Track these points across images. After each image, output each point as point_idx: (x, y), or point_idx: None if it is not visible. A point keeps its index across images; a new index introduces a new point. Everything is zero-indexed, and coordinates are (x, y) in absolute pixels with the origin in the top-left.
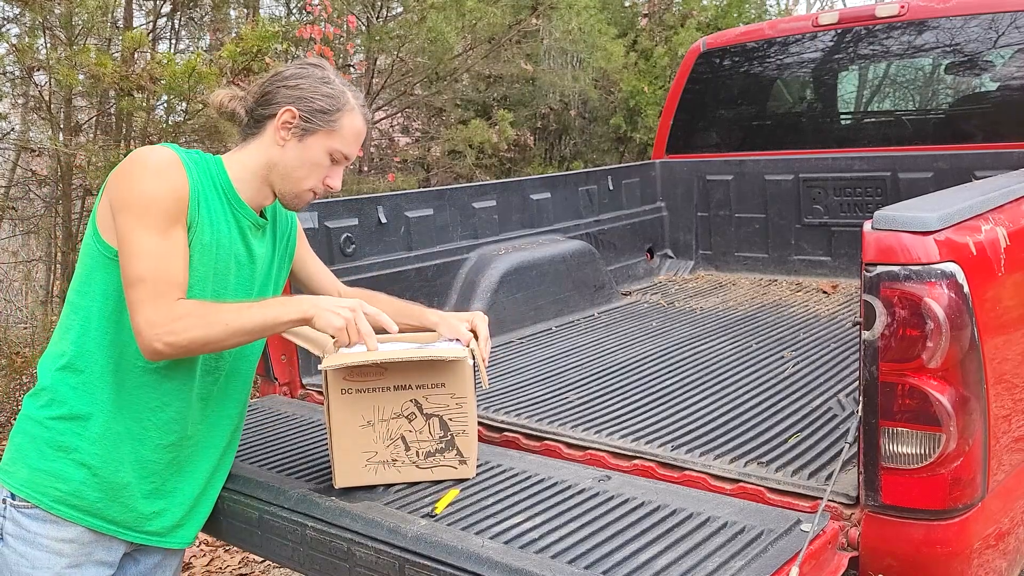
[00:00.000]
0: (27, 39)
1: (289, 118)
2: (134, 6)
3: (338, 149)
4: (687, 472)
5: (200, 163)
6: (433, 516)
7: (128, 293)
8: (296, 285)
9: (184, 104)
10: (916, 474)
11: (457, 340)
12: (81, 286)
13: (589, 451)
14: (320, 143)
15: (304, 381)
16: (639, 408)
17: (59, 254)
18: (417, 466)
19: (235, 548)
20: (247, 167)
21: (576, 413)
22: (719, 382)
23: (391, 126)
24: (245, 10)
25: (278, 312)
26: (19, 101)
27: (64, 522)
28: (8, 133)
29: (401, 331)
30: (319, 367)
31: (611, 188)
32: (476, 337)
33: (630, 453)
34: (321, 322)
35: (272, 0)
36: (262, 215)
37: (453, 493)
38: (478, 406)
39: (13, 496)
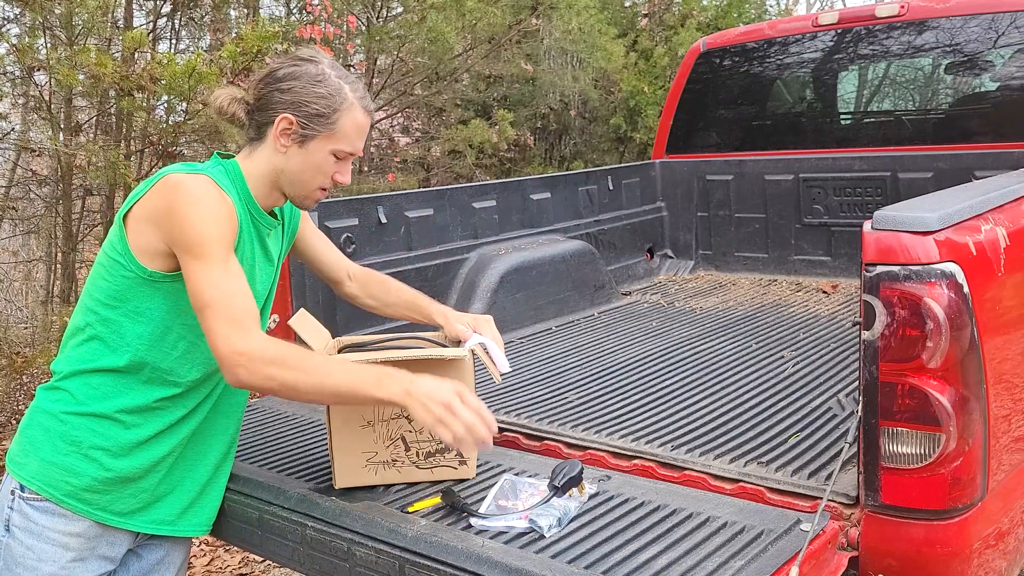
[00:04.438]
0: (27, 39)
1: (287, 126)
2: (134, 6)
3: (341, 148)
4: (687, 472)
5: (228, 181)
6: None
7: (205, 318)
8: (302, 264)
9: (184, 104)
10: (916, 474)
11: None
12: (111, 300)
13: (589, 451)
14: (322, 146)
15: None
16: (639, 408)
17: (59, 254)
18: (417, 466)
19: (235, 548)
20: (258, 175)
21: (576, 413)
22: (719, 382)
23: (391, 126)
24: (245, 10)
25: (372, 389)
26: (19, 101)
27: (72, 516)
28: (8, 133)
29: (408, 321)
30: None
31: (611, 188)
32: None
33: (630, 453)
34: (415, 415)
35: (272, 0)
36: (272, 214)
37: (436, 500)
38: None
39: (23, 488)
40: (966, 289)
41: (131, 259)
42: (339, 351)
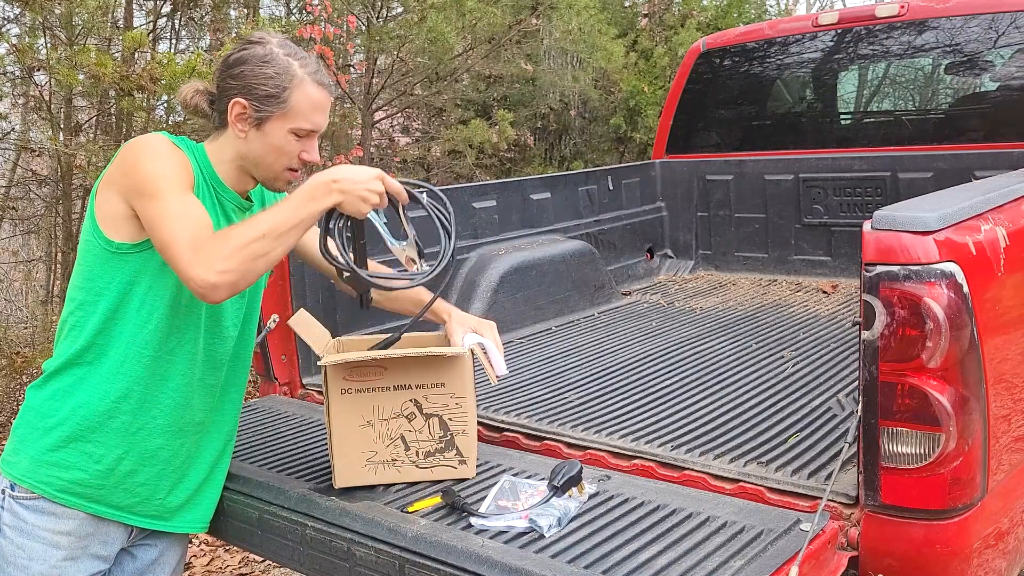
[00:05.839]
0: (27, 39)
1: (240, 110)
2: (134, 6)
3: (298, 126)
4: (687, 472)
5: (187, 149)
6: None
7: (169, 253)
8: (297, 257)
9: None
10: (916, 474)
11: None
12: (84, 282)
13: (589, 451)
14: (278, 127)
15: (304, 381)
16: (639, 408)
17: (59, 254)
18: (417, 466)
19: (235, 548)
20: (225, 160)
21: (576, 413)
22: (719, 382)
23: (391, 126)
24: (245, 10)
25: (310, 208)
26: (19, 101)
27: (63, 514)
28: (8, 133)
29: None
30: (318, 363)
31: (611, 188)
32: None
33: (630, 453)
34: (352, 210)
35: (272, 0)
36: (248, 199)
37: (436, 500)
38: (478, 406)
39: (13, 487)
40: (966, 289)
41: (98, 234)
42: (339, 350)
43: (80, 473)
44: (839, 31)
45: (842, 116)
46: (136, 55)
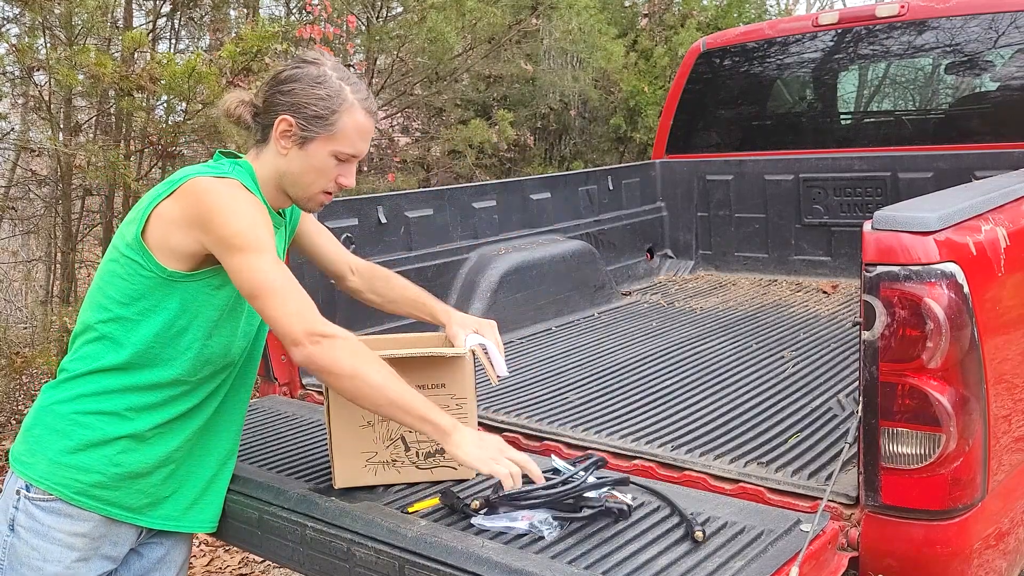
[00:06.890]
0: (27, 39)
1: (286, 128)
2: (134, 6)
3: (341, 150)
4: (687, 472)
5: (251, 183)
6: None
7: (266, 301)
8: (301, 256)
9: (184, 104)
10: (916, 474)
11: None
12: (126, 298)
13: (589, 451)
14: (322, 148)
15: (304, 381)
16: (639, 408)
17: (59, 254)
18: (417, 467)
19: (235, 548)
20: (264, 177)
21: (576, 413)
22: (719, 382)
23: (391, 126)
24: (245, 10)
25: (430, 424)
26: (19, 101)
27: (79, 516)
28: (8, 133)
29: (411, 319)
30: None
31: (611, 188)
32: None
33: (630, 453)
34: (461, 460)
35: (272, 0)
36: (279, 213)
37: (436, 500)
38: (478, 406)
39: (28, 488)
40: (966, 289)
41: (149, 258)
42: None
43: (98, 476)
44: (839, 31)
45: (842, 116)
46: (136, 55)
